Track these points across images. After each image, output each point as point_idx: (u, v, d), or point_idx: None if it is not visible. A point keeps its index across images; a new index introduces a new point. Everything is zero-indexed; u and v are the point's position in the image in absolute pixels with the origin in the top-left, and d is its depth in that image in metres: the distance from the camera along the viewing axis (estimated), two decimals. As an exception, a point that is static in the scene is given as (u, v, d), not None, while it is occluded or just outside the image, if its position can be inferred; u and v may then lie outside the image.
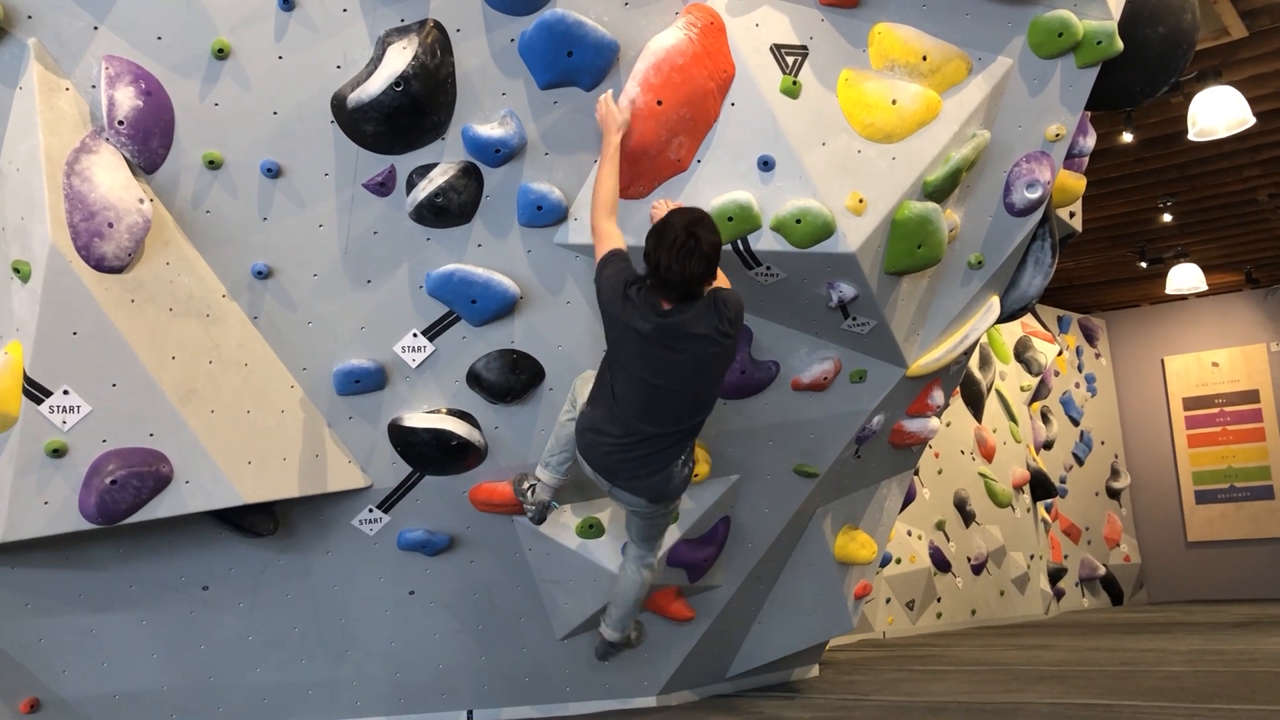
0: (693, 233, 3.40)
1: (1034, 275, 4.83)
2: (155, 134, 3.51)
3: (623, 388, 3.60)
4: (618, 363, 3.62)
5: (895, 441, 5.22)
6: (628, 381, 3.59)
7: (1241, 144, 8.29)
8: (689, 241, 3.39)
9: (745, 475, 4.70)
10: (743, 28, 3.86)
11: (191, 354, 3.69)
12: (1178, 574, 12.75)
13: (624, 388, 3.60)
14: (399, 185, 3.81)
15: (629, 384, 3.59)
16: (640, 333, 3.50)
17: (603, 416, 3.65)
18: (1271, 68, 7.36)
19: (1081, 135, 4.79)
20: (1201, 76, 7.06)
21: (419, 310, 4.01)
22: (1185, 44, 4.58)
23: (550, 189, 3.92)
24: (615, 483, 3.75)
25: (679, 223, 3.43)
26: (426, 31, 3.57)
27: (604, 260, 3.60)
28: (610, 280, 3.56)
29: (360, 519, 4.26)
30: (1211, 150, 8.45)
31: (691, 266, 3.41)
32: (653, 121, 3.77)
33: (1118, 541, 12.44)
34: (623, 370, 3.60)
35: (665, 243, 3.42)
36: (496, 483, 4.29)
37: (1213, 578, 12.51)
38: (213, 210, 3.68)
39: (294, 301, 3.88)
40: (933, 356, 4.72)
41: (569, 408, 3.93)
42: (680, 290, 3.47)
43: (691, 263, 3.41)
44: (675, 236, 3.40)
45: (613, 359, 3.64)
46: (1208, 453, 12.69)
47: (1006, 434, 10.01)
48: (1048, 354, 10.73)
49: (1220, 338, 12.84)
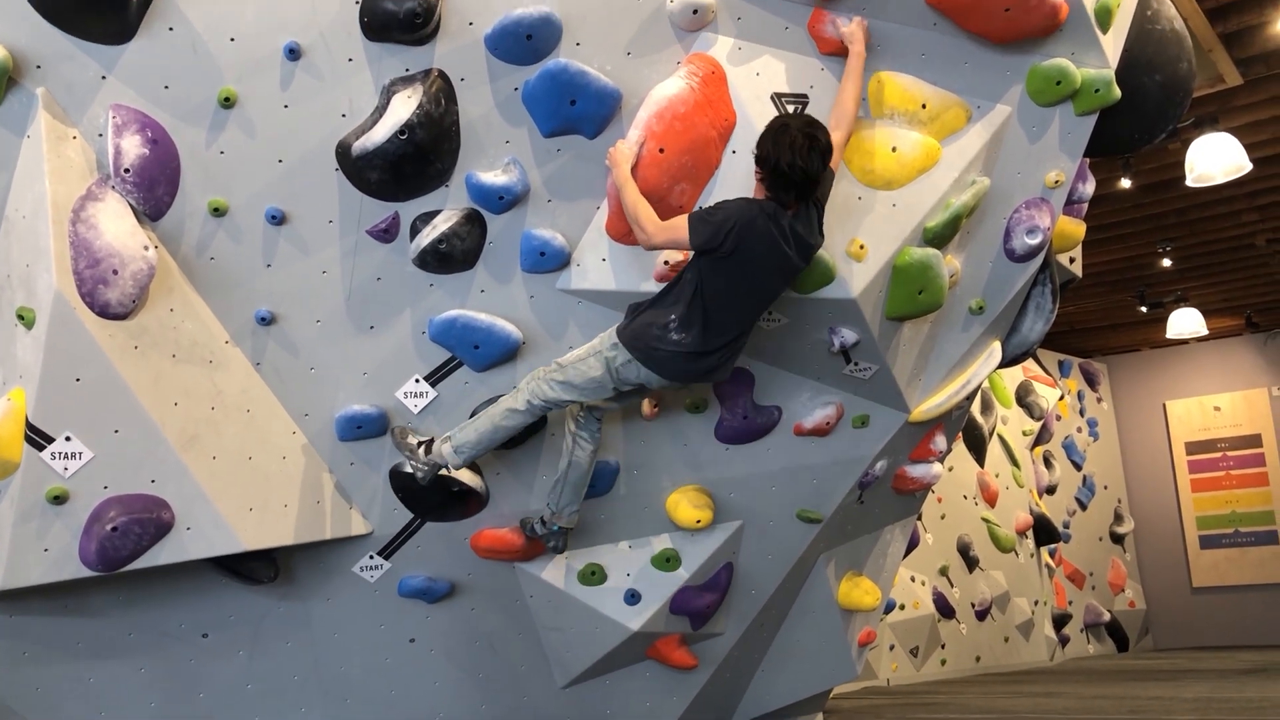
0: (809, 133, 3.55)
1: (1035, 320, 4.84)
2: (161, 181, 3.54)
3: (726, 300, 3.69)
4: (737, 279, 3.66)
5: (898, 487, 5.20)
6: (751, 293, 3.72)
7: (1239, 189, 8.35)
8: (807, 140, 3.54)
9: (748, 521, 4.68)
10: (744, 76, 3.90)
11: (194, 400, 3.69)
12: (1183, 620, 12.65)
13: (728, 300, 3.69)
14: (402, 232, 3.83)
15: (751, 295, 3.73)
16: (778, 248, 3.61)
17: (716, 336, 3.73)
18: (1267, 114, 7.43)
19: (1081, 181, 4.82)
20: (1198, 123, 7.13)
21: (421, 356, 4.02)
22: (1182, 92, 4.61)
23: (553, 235, 3.94)
24: (713, 379, 3.94)
25: (794, 124, 3.58)
26: (431, 80, 3.61)
27: (697, 215, 3.64)
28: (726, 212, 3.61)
29: (361, 566, 4.24)
30: (1209, 196, 8.51)
31: (814, 162, 3.55)
32: (655, 169, 3.80)
33: (1122, 587, 12.36)
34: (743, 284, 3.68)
35: (785, 141, 3.55)
36: (498, 529, 4.27)
37: (1219, 623, 12.41)
38: (217, 257, 3.70)
39: (297, 347, 3.89)
40: (935, 402, 4.71)
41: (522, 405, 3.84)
42: (801, 188, 3.60)
43: (813, 158, 3.54)
44: (794, 135, 3.54)
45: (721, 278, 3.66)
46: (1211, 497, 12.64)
47: (1009, 479, 9.98)
48: (1049, 398, 10.72)
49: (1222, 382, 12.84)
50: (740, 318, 3.79)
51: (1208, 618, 12.51)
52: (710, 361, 3.80)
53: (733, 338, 3.80)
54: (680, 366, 3.78)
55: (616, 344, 3.79)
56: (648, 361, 3.76)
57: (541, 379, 3.86)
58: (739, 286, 3.70)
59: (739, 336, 3.83)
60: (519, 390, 3.90)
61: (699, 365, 3.80)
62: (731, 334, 3.78)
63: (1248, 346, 12.79)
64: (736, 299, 3.73)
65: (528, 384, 3.88)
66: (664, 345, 3.73)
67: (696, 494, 4.51)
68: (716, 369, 3.86)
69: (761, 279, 3.72)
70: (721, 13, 3.83)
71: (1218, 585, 12.48)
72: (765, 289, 3.78)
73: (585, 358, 3.84)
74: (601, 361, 3.80)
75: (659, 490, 4.50)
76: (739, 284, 3.69)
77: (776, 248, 3.63)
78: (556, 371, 3.85)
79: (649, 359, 3.76)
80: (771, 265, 3.68)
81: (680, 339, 3.72)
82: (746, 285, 3.71)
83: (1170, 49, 4.52)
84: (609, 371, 3.80)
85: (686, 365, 3.78)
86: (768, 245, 3.62)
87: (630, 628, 4.51)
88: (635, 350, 3.76)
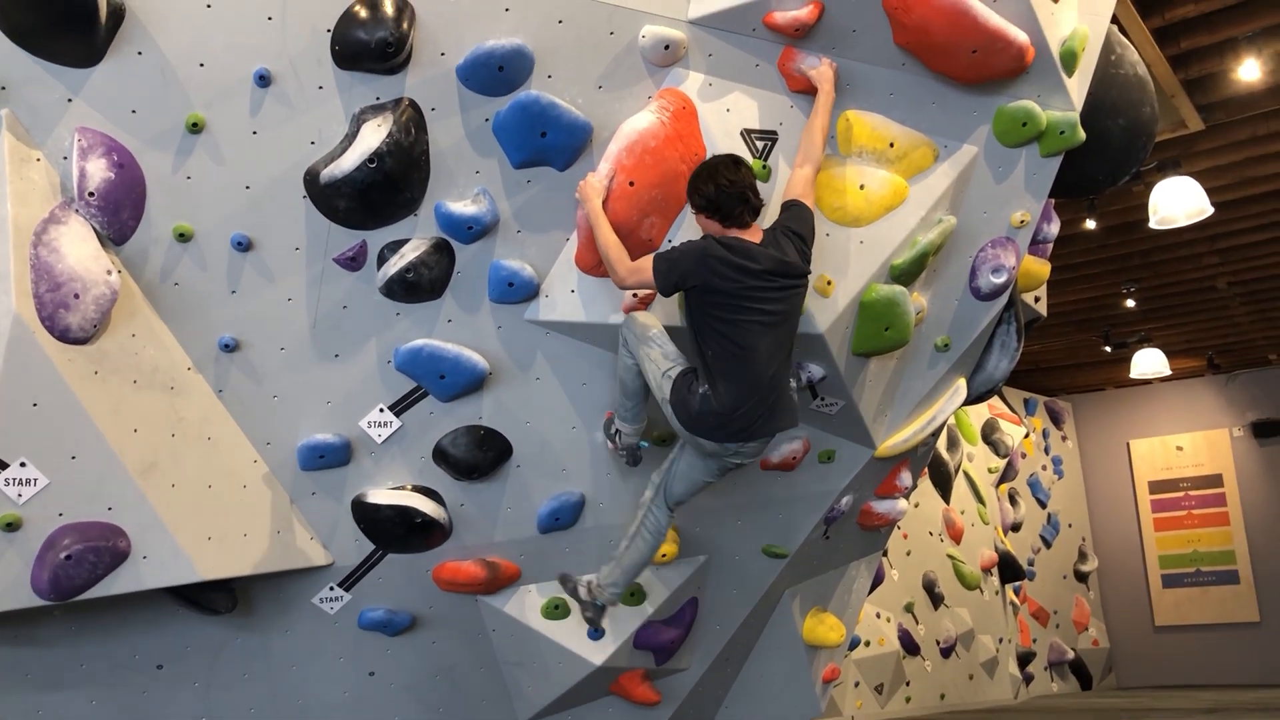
0: (727, 158, 3.66)
1: (1000, 358, 4.88)
2: (126, 206, 3.50)
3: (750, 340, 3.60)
4: (726, 322, 3.60)
5: (864, 523, 5.21)
6: (752, 330, 3.60)
7: (1201, 233, 8.47)
8: (730, 160, 3.64)
9: (714, 556, 4.67)
10: (714, 112, 3.92)
11: (154, 427, 3.64)
12: (1146, 658, 12.71)
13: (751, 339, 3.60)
14: (370, 260, 3.81)
15: (756, 333, 3.60)
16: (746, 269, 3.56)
17: (734, 390, 3.62)
18: (1227, 160, 7.56)
19: (1046, 222, 4.88)
20: (1162, 167, 7.24)
21: (387, 385, 3.99)
22: (1145, 136, 4.69)
23: (522, 266, 3.93)
24: (752, 437, 3.76)
25: (710, 160, 3.69)
26: (402, 110, 3.60)
27: (660, 255, 3.65)
28: (683, 250, 3.63)
29: (321, 597, 4.18)
30: (1172, 238, 8.62)
31: (742, 174, 3.62)
32: (625, 202, 3.81)
33: (1086, 625, 12.41)
34: (737, 325, 3.60)
35: (705, 173, 3.64)
36: (461, 561, 4.23)
37: (1181, 663, 12.48)
38: (181, 283, 3.66)
39: (260, 375, 3.85)
40: (901, 438, 4.73)
41: (628, 352, 3.84)
42: (745, 201, 3.62)
43: (741, 170, 3.62)
44: (718, 160, 3.65)
45: (714, 327, 3.63)
46: (1173, 536, 12.74)
47: (974, 516, 10.02)
48: (1015, 436, 10.79)
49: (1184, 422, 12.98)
50: (757, 366, 3.62)
51: (1170, 657, 12.57)
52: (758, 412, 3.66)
53: (763, 390, 3.64)
54: (715, 427, 3.68)
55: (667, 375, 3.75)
56: (685, 421, 3.70)
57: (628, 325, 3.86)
58: (736, 325, 3.59)
59: (770, 387, 3.65)
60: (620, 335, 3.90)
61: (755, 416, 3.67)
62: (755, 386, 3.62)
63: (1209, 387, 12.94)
64: (743, 340, 3.60)
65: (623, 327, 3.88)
66: (691, 403, 3.66)
67: (664, 524, 4.48)
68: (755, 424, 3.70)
69: (744, 312, 3.58)
70: (693, 49, 3.86)
71: (1180, 624, 12.55)
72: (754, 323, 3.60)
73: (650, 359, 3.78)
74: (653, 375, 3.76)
75: (625, 524, 4.46)
76: (733, 321, 3.59)
77: (744, 272, 3.54)
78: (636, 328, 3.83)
79: (687, 419, 3.69)
80: (747, 294, 3.56)
81: (703, 394, 3.64)
82: (734, 321, 3.59)
83: (1134, 93, 4.60)
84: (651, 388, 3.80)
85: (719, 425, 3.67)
86: (734, 271, 3.54)
87: (593, 663, 4.48)
88: (679, 411, 3.70)
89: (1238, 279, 9.74)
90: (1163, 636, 12.68)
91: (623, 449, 4.12)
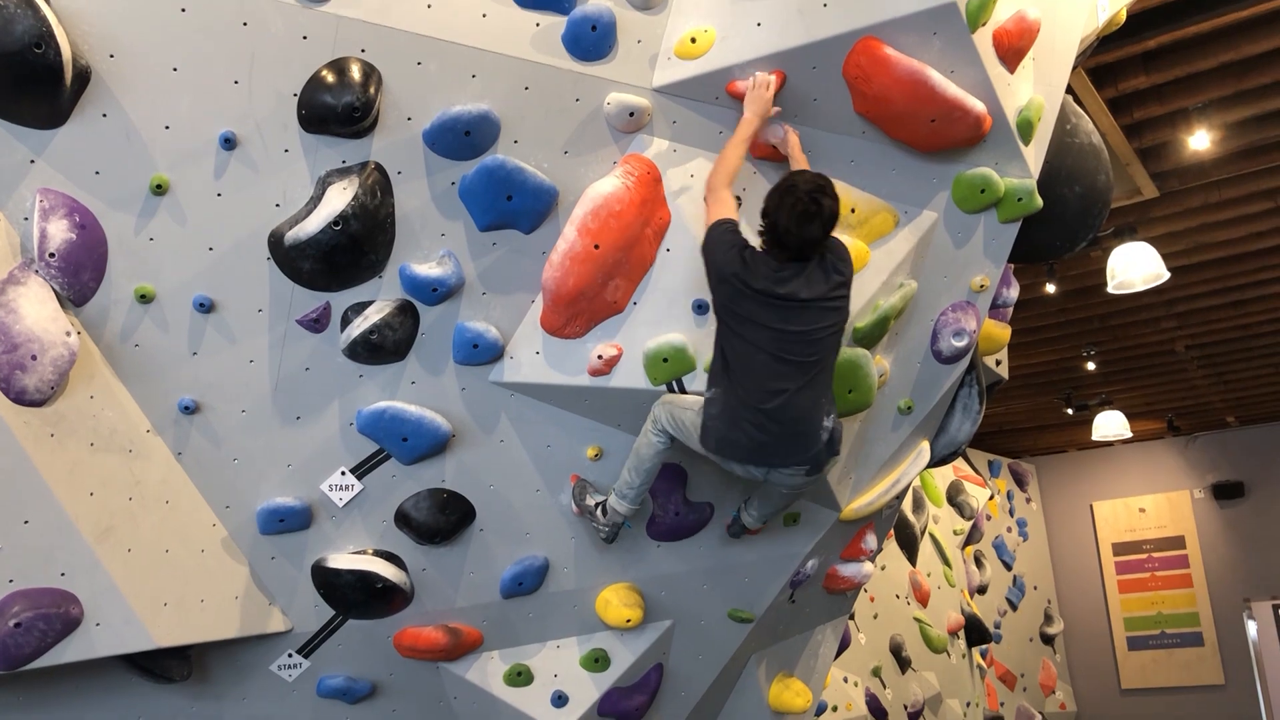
0: (815, 198, 3.49)
1: (963, 421, 4.91)
2: (87, 267, 3.48)
3: (744, 356, 3.56)
4: (733, 332, 3.58)
5: (830, 586, 5.19)
6: (748, 349, 3.56)
7: (1158, 297, 8.63)
8: (811, 206, 3.48)
9: (679, 621, 4.63)
10: (678, 177, 3.97)
11: (111, 490, 3.58)
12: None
13: (746, 355, 3.56)
14: (333, 322, 3.80)
15: (750, 351, 3.55)
16: (755, 290, 3.52)
17: (732, 399, 3.58)
18: (1182, 226, 7.74)
19: (1005, 286, 4.95)
20: (1118, 233, 7.40)
21: (348, 448, 3.96)
22: (1101, 202, 4.79)
23: (487, 328, 3.94)
24: (772, 465, 3.68)
25: (803, 186, 3.52)
26: (367, 173, 3.62)
27: (716, 224, 3.62)
28: (724, 239, 3.58)
29: (279, 664, 4.11)
30: (1130, 302, 8.78)
31: (811, 231, 3.51)
32: (590, 264, 3.83)
33: (1053, 688, 12.38)
34: (738, 338, 3.57)
35: (787, 205, 3.50)
36: (422, 627, 4.17)
37: (1148, 726, 12.46)
38: (142, 344, 3.63)
39: (220, 438, 3.81)
40: (866, 500, 4.74)
41: (656, 429, 3.81)
42: (795, 252, 3.55)
43: (811, 228, 3.50)
44: (798, 200, 3.48)
45: (727, 330, 3.61)
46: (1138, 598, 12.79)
47: (941, 578, 10.01)
48: (979, 498, 10.84)
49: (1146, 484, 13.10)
50: (762, 379, 3.54)
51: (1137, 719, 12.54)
52: (755, 434, 3.58)
53: (772, 411, 3.54)
54: (725, 437, 3.60)
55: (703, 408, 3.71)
56: (705, 438, 3.64)
57: (663, 404, 3.84)
58: (738, 333, 3.56)
59: (783, 404, 3.55)
60: (649, 418, 3.87)
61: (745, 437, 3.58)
62: (763, 400, 3.53)
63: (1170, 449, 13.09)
64: (744, 349, 3.55)
65: (655, 408, 3.86)
66: (709, 416, 3.62)
67: (627, 592, 4.45)
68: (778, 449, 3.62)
69: (753, 325, 3.53)
70: (657, 116, 3.91)
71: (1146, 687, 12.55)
72: (765, 336, 3.53)
73: (687, 409, 3.74)
74: (693, 420, 3.70)
75: (589, 588, 4.43)
76: (735, 329, 3.57)
77: (746, 283, 3.51)
78: (671, 404, 3.82)
79: (706, 437, 3.64)
80: (751, 304, 3.51)
81: (710, 396, 3.63)
82: (745, 331, 3.54)
83: (1089, 162, 4.70)
84: (696, 438, 3.71)
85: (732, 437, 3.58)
86: (735, 276, 3.52)
87: (557, 730, 4.41)
88: (702, 433, 3.65)
89: (1195, 342, 9.91)
90: (1129, 699, 12.67)
91: (606, 524, 4.04)
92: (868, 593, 8.68)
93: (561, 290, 3.85)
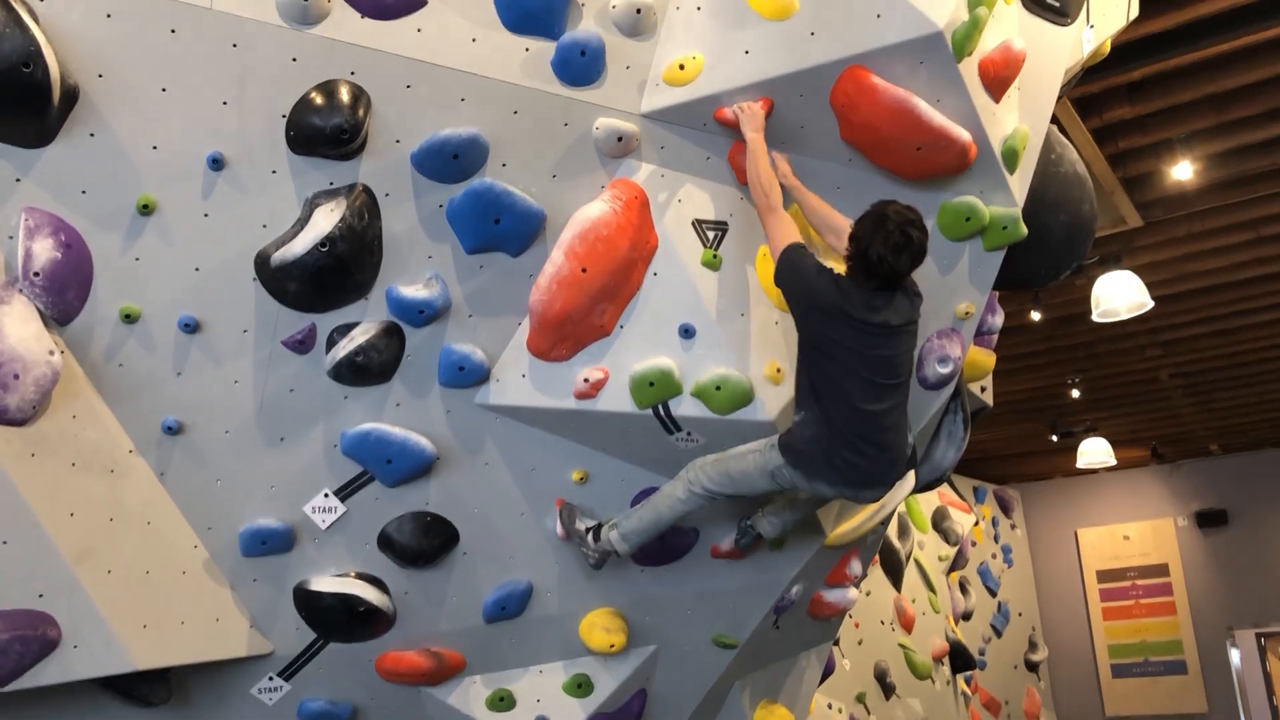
0: (906, 231, 3.52)
1: (948, 448, 4.92)
2: (72, 286, 3.47)
3: (837, 382, 3.60)
4: (826, 357, 3.62)
5: (814, 612, 5.18)
6: (842, 374, 3.60)
7: (1142, 325, 8.68)
8: (901, 239, 3.51)
9: (663, 646, 4.61)
10: (665, 202, 3.98)
11: (92, 511, 3.55)
12: (1098, 750, 12.66)
13: (839, 381, 3.60)
14: (319, 343, 3.79)
15: (843, 376, 3.60)
16: (854, 318, 3.56)
17: (827, 425, 3.62)
18: (1166, 255, 7.79)
19: (990, 314, 4.97)
20: (1103, 261, 7.44)
21: (332, 470, 3.94)
22: (1085, 231, 4.82)
23: (473, 350, 3.93)
24: (868, 486, 3.76)
25: (895, 217, 3.54)
26: (355, 195, 3.62)
27: (791, 248, 3.66)
28: (810, 264, 3.63)
29: (260, 687, 4.07)
30: (1115, 330, 8.82)
31: (901, 263, 3.54)
32: (577, 288, 3.83)
33: (1037, 715, 12.35)
34: (832, 362, 3.61)
35: (881, 234, 3.52)
36: (404, 651, 4.15)
37: (1132, 754, 12.44)
38: (125, 364, 3.61)
39: (204, 458, 3.79)
40: (850, 526, 4.74)
41: (690, 494, 3.86)
42: (884, 282, 3.59)
43: (902, 259, 3.53)
44: (891, 230, 3.51)
45: (818, 355, 3.64)
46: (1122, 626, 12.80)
47: (926, 604, 10.00)
48: (965, 524, 10.84)
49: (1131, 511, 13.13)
50: (854, 401, 3.61)
51: (1121, 748, 12.54)
52: (852, 457, 3.64)
53: (866, 433, 3.63)
54: (824, 460, 3.65)
55: (774, 445, 3.77)
56: (797, 463, 3.70)
57: (702, 468, 3.87)
58: (829, 356, 3.62)
59: (875, 425, 3.64)
60: (679, 479, 3.91)
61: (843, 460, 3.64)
62: (856, 421, 3.61)
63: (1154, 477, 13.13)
64: (836, 373, 3.61)
65: (689, 472, 3.90)
66: (796, 434, 3.68)
67: (611, 617, 4.44)
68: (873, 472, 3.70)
69: (845, 350, 3.59)
70: (645, 141, 3.93)
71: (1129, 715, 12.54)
72: (857, 361, 3.60)
73: (746, 454, 3.82)
74: (758, 461, 3.78)
75: (572, 613, 4.42)
76: (827, 352, 3.62)
77: (843, 310, 3.56)
78: (718, 463, 3.85)
79: (798, 460, 3.69)
80: (845, 330, 3.58)
81: (801, 419, 3.67)
82: (836, 355, 3.61)
83: (1073, 190, 4.74)
84: (765, 473, 3.77)
85: (828, 460, 3.65)
86: (831, 304, 3.57)
87: (539, 756, 4.38)
88: (787, 452, 3.71)
89: (1179, 371, 9.96)
90: (1114, 727, 12.65)
91: (596, 551, 4.08)
92: (852, 619, 8.66)
93: (548, 313, 3.86)
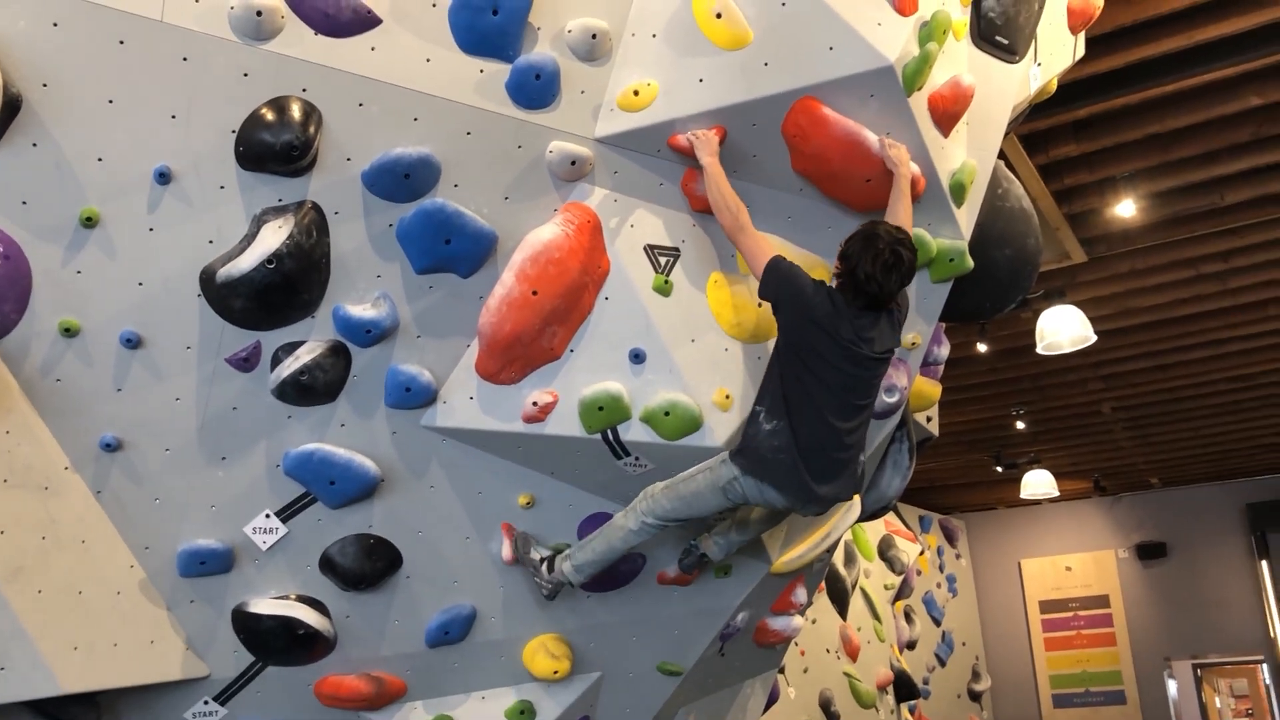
0: (896, 250, 3.56)
1: (893, 476, 4.96)
2: (9, 298, 3.40)
3: (811, 395, 3.61)
4: (805, 368, 3.62)
5: (760, 639, 5.17)
6: (818, 388, 3.61)
7: (1085, 359, 8.82)
8: (892, 258, 3.54)
9: (607, 673, 4.58)
10: (618, 227, 3.99)
11: (24, 529, 3.47)
12: (1039, 780, 12.75)
13: (812, 394, 3.61)
14: (264, 361, 3.74)
15: (819, 391, 3.61)
16: (842, 337, 3.57)
17: (793, 437, 3.61)
18: (1109, 291, 7.94)
19: (936, 344, 5.03)
20: (1048, 295, 7.57)
21: (274, 490, 3.88)
22: (1030, 265, 4.90)
23: (421, 371, 3.90)
24: (822, 500, 3.77)
25: (885, 235, 3.56)
26: (304, 212, 3.59)
27: (778, 260, 3.66)
28: (801, 275, 3.64)
29: (194, 711, 3.99)
30: (1059, 364, 8.96)
31: (891, 282, 3.58)
32: (528, 310, 3.82)
33: (980, 746, 12.43)
34: (810, 374, 3.61)
35: (870, 252, 3.54)
36: (344, 675, 4.08)
37: (1072, 785, 12.54)
38: (64, 379, 3.54)
39: (142, 476, 3.72)
40: (796, 553, 4.75)
41: (641, 524, 3.85)
42: (872, 300, 3.62)
43: (892, 278, 3.57)
44: (882, 249, 3.54)
45: (799, 366, 3.63)
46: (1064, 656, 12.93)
47: (871, 633, 10.04)
48: (910, 553, 10.91)
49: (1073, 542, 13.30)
50: (826, 415, 3.65)
51: (1062, 778, 12.63)
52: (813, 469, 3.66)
53: (830, 441, 3.67)
54: (787, 470, 3.64)
55: (725, 460, 3.77)
56: (752, 470, 3.68)
57: (653, 496, 3.85)
58: (810, 369, 3.63)
59: (837, 442, 3.69)
60: (631, 509, 3.89)
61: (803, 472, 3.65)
62: (824, 435, 3.65)
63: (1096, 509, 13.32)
64: (813, 386, 3.63)
65: (640, 501, 3.88)
66: (761, 442, 3.67)
67: (555, 643, 4.40)
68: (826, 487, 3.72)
69: (829, 366, 3.62)
70: (599, 166, 3.94)
71: (1070, 745, 12.65)
72: (837, 379, 3.64)
73: (696, 474, 3.82)
74: (709, 478, 3.78)
75: (517, 639, 4.38)
76: (809, 366, 3.63)
77: (835, 329, 3.58)
78: (668, 489, 3.84)
79: (755, 467, 3.68)
80: (833, 347, 3.61)
81: (771, 428, 3.65)
82: (817, 370, 3.63)
83: (1019, 225, 4.81)
84: (717, 489, 3.76)
85: (790, 470, 3.64)
86: (825, 320, 3.58)
87: (480, 783, 4.33)
88: (740, 458, 3.70)
89: (1120, 404, 10.13)
90: (1055, 757, 12.75)
91: (550, 582, 4.07)
92: (798, 646, 8.67)
93: (498, 335, 3.84)
